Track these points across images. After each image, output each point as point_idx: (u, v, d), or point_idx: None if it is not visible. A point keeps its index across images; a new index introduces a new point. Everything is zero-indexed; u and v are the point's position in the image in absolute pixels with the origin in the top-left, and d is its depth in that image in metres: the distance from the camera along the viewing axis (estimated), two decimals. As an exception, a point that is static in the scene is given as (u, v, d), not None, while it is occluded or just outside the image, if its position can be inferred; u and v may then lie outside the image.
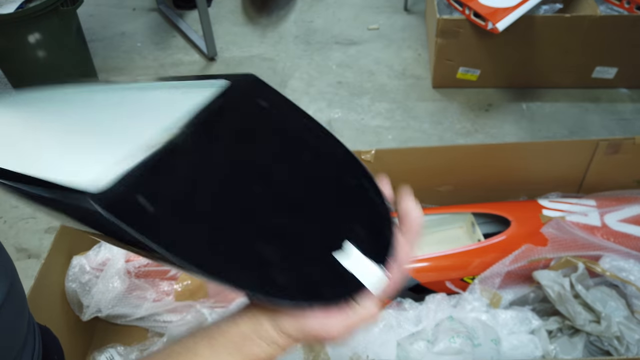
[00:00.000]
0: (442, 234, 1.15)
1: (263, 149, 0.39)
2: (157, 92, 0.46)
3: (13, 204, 1.51)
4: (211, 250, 0.33)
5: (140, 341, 1.00)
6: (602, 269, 0.94)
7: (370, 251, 0.36)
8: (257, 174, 0.37)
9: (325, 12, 2.25)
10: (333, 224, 0.37)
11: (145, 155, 0.35)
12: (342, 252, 0.35)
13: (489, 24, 1.50)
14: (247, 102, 0.41)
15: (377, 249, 0.36)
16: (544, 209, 1.07)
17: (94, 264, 0.98)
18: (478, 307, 0.94)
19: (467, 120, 1.70)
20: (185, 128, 0.37)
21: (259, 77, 0.42)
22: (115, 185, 0.32)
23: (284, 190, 0.37)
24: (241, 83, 0.42)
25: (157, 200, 0.33)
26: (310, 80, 1.87)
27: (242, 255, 0.34)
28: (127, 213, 0.32)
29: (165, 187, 0.34)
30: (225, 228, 0.34)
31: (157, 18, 2.26)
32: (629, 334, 0.86)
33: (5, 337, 0.42)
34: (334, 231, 0.36)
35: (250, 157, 0.38)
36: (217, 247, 0.33)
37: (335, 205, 0.38)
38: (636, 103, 1.72)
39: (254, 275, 0.33)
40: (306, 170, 0.39)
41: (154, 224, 0.32)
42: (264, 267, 0.34)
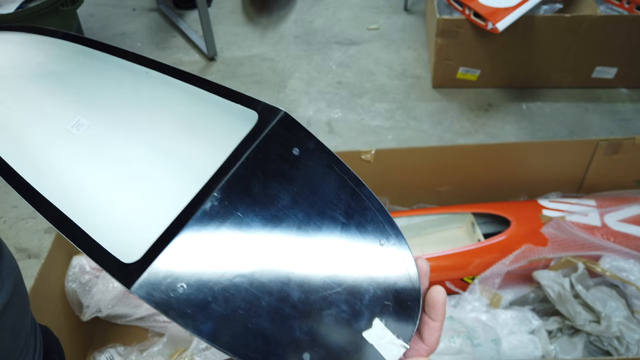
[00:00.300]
0: (442, 234, 1.15)
1: (295, 214, 0.37)
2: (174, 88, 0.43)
3: (13, 203, 1.51)
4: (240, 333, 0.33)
5: (140, 341, 1.00)
6: (602, 269, 0.94)
7: (397, 327, 0.36)
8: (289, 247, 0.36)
9: (325, 12, 2.25)
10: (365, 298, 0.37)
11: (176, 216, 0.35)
12: (371, 328, 0.36)
13: (489, 24, 1.50)
14: (279, 151, 0.38)
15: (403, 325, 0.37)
16: (544, 209, 1.08)
17: (94, 264, 0.98)
18: (478, 307, 0.94)
19: (467, 120, 1.70)
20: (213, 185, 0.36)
21: (289, 114, 0.39)
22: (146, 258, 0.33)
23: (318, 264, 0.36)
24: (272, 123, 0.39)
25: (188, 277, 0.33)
26: (310, 80, 1.87)
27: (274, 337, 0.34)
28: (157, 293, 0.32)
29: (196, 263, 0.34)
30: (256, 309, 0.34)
31: (157, 18, 2.26)
32: (629, 334, 0.86)
33: (9, 336, 0.42)
34: (365, 306, 0.36)
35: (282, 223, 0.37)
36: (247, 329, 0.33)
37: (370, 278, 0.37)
38: (636, 103, 1.72)
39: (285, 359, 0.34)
40: (342, 236, 0.37)
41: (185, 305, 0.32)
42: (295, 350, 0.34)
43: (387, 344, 0.36)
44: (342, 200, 0.38)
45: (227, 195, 0.36)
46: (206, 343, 0.32)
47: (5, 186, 1.55)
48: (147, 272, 0.32)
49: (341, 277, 0.36)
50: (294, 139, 0.38)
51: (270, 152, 0.38)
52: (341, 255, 0.37)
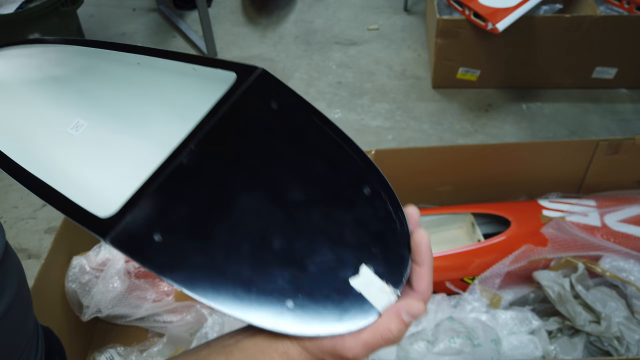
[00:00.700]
0: (442, 235, 1.15)
1: (276, 163, 0.37)
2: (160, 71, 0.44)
3: (13, 203, 1.51)
4: (220, 282, 0.33)
5: (140, 341, 1.00)
6: (602, 269, 0.94)
7: (385, 273, 0.35)
8: (269, 192, 0.36)
9: (325, 12, 2.25)
10: (351, 244, 0.36)
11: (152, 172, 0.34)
12: (358, 275, 0.35)
13: (489, 24, 1.50)
14: (257, 105, 0.38)
15: (392, 271, 0.36)
16: (544, 209, 1.07)
17: (94, 264, 0.98)
18: (478, 308, 0.94)
19: (467, 120, 1.70)
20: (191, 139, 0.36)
21: (267, 71, 0.40)
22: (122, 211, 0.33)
23: (300, 209, 0.36)
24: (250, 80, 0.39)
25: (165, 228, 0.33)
26: (310, 80, 1.88)
27: (255, 284, 0.33)
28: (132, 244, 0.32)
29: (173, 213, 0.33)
30: (236, 255, 0.33)
31: (157, 18, 2.26)
32: (629, 334, 0.86)
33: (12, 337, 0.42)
34: (351, 252, 0.35)
35: (262, 173, 0.36)
36: (227, 277, 0.33)
37: (355, 224, 0.36)
38: (636, 103, 1.72)
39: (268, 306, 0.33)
40: (323, 184, 0.37)
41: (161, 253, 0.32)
42: (278, 297, 0.33)
43: (376, 292, 0.35)
44: (322, 149, 0.38)
45: (204, 148, 0.36)
46: (185, 292, 0.32)
47: (5, 186, 1.56)
48: (122, 224, 0.32)
49: (326, 224, 0.36)
50: (273, 94, 0.39)
51: (249, 107, 0.38)
52: (325, 203, 0.36)
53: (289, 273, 0.34)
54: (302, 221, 0.35)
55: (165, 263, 0.32)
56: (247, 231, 0.34)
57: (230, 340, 0.37)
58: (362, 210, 0.37)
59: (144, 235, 0.32)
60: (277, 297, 0.33)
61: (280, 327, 0.33)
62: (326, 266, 0.35)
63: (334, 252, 0.35)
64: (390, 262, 0.36)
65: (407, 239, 0.37)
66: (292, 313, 0.33)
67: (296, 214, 0.35)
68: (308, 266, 0.34)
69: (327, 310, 0.34)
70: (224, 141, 0.37)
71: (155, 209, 0.33)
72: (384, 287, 0.35)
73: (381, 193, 0.38)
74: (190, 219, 0.34)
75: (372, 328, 0.34)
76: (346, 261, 0.35)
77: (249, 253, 0.34)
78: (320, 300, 0.34)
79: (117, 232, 0.32)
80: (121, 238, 0.32)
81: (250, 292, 0.33)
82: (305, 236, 0.35)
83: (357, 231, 0.36)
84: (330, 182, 0.37)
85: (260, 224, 0.35)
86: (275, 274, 0.34)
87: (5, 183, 1.57)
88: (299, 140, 0.38)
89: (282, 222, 0.35)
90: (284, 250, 0.34)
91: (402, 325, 0.34)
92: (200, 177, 0.35)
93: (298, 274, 0.34)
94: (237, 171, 0.36)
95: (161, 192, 0.34)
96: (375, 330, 0.34)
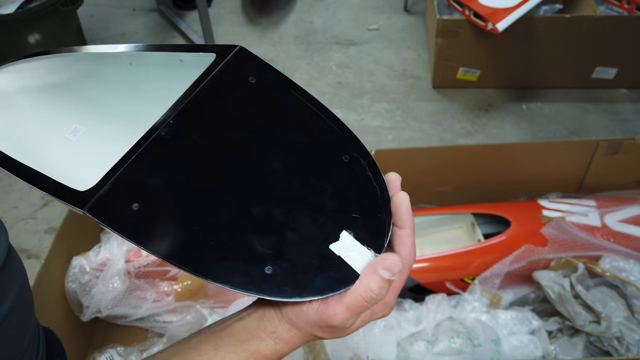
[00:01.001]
0: (442, 235, 1.15)
1: (254, 134, 0.37)
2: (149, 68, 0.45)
3: (13, 204, 1.51)
4: (196, 249, 0.33)
5: (140, 341, 1.00)
6: (602, 269, 0.94)
7: (367, 238, 0.35)
8: (248, 162, 0.36)
9: (325, 12, 2.25)
10: (330, 211, 0.36)
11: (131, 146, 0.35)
12: (338, 240, 0.35)
13: (489, 25, 1.50)
14: (234, 80, 0.39)
15: (374, 235, 0.36)
16: (544, 210, 1.07)
17: (94, 264, 0.98)
18: (478, 308, 0.94)
19: (467, 120, 1.70)
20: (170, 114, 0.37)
21: (245, 48, 0.40)
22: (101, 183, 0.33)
23: (279, 178, 0.36)
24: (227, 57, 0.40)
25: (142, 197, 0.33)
26: (310, 80, 1.87)
27: (233, 251, 0.33)
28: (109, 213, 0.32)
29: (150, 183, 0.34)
30: (214, 223, 0.34)
31: (157, 18, 2.26)
32: (629, 335, 0.86)
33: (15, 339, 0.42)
34: (330, 219, 0.35)
35: (240, 143, 0.37)
36: (204, 244, 0.33)
37: (334, 191, 0.36)
38: (636, 103, 1.72)
39: (245, 272, 0.33)
40: (302, 154, 0.37)
41: (139, 222, 0.33)
42: (257, 263, 0.33)
43: (356, 256, 0.34)
44: (301, 120, 0.38)
45: (183, 122, 0.36)
46: (163, 260, 0.32)
47: (5, 187, 1.56)
48: (99, 195, 0.33)
49: (304, 191, 0.36)
50: (250, 69, 0.39)
51: (227, 82, 0.38)
52: (303, 171, 0.36)
53: (267, 240, 0.34)
54: (282, 189, 0.36)
55: (143, 231, 0.33)
56: (226, 199, 0.35)
57: (220, 326, 0.37)
58: (341, 178, 0.37)
59: (121, 205, 0.33)
60: (255, 263, 0.33)
61: (257, 292, 0.33)
62: (306, 233, 0.35)
63: (314, 219, 0.35)
64: (371, 227, 0.36)
65: (388, 203, 0.37)
66: (271, 279, 0.33)
67: (276, 183, 0.36)
68: (287, 233, 0.34)
69: (308, 277, 0.34)
70: (202, 114, 0.37)
71: (133, 180, 0.34)
72: (364, 251, 0.35)
73: (360, 161, 0.38)
74: (168, 189, 0.34)
75: (352, 290, 0.34)
76: (326, 228, 0.35)
77: (228, 221, 0.34)
78: (300, 266, 0.34)
79: (94, 201, 0.33)
80: (98, 207, 0.32)
81: (229, 258, 0.33)
82: (285, 204, 0.35)
83: (337, 198, 0.36)
84: (309, 151, 0.37)
85: (239, 193, 0.35)
86: (253, 241, 0.34)
87: (5, 183, 1.57)
88: (277, 111, 0.38)
89: (261, 190, 0.35)
90: (263, 217, 0.34)
91: (381, 282, 0.33)
92: (178, 148, 0.35)
93: (277, 241, 0.34)
94: (215, 142, 0.36)
95: (139, 164, 0.34)
96: (355, 291, 0.34)
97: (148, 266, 0.98)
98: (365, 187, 0.37)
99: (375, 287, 0.33)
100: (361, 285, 0.34)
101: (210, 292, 0.99)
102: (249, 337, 0.36)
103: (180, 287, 0.98)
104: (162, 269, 0.99)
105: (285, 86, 0.39)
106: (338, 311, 0.34)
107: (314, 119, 0.38)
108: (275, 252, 0.34)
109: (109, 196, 0.33)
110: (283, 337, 0.35)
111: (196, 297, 0.98)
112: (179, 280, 0.99)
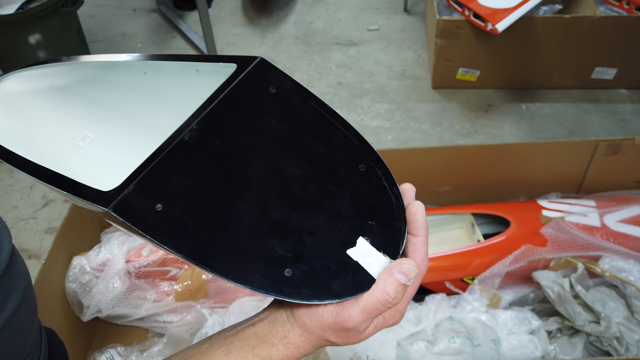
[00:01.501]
0: (441, 235, 1.15)
1: (274, 141, 0.38)
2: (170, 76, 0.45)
3: (13, 204, 1.51)
4: (219, 249, 0.34)
5: (140, 341, 1.00)
6: (602, 269, 0.94)
7: (382, 245, 0.36)
8: (269, 168, 0.37)
9: (325, 13, 2.25)
10: (347, 218, 0.37)
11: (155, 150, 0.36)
12: (355, 246, 0.36)
13: (489, 25, 1.50)
14: (256, 89, 0.40)
15: (389, 242, 0.37)
16: (544, 210, 1.08)
17: (94, 264, 0.98)
18: (478, 308, 0.94)
19: (466, 120, 1.70)
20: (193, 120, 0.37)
21: (266, 60, 0.41)
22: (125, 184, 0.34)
23: (298, 184, 0.37)
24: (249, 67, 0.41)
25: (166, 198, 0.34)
26: (310, 80, 1.88)
27: (253, 253, 0.34)
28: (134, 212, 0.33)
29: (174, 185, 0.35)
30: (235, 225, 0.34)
31: (158, 19, 2.27)
32: (629, 335, 0.86)
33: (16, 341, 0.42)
34: (348, 225, 0.36)
35: (261, 150, 0.37)
36: (226, 245, 0.34)
37: (351, 199, 0.37)
38: (636, 104, 1.72)
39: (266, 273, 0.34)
40: (320, 162, 0.38)
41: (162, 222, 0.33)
42: (277, 266, 0.34)
43: (372, 261, 0.36)
44: (319, 130, 0.39)
45: (205, 127, 0.37)
46: (184, 260, 0.33)
47: (6, 187, 1.56)
48: (123, 194, 0.33)
49: (322, 198, 0.37)
50: (271, 79, 0.40)
51: (248, 91, 0.39)
52: (321, 179, 0.37)
53: (287, 243, 0.35)
54: (301, 196, 0.37)
55: (166, 231, 0.33)
56: (247, 203, 0.35)
57: (231, 332, 0.38)
58: (358, 186, 0.38)
59: (145, 205, 0.34)
60: (275, 265, 0.34)
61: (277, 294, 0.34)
62: (324, 238, 0.36)
63: (331, 225, 0.36)
64: (386, 234, 0.37)
65: (403, 212, 0.38)
66: (291, 281, 0.34)
67: (295, 189, 0.37)
68: (306, 238, 0.35)
69: (326, 280, 0.34)
70: (225, 121, 0.38)
71: (157, 181, 0.35)
72: (380, 257, 0.36)
73: (376, 170, 0.39)
74: (191, 191, 0.35)
75: (369, 293, 0.34)
76: (344, 234, 0.36)
77: (249, 224, 0.35)
78: (319, 270, 0.35)
79: (118, 200, 0.33)
80: (123, 206, 0.33)
81: (249, 260, 0.34)
82: (304, 210, 0.36)
83: (354, 206, 0.37)
84: (327, 159, 0.39)
85: (260, 197, 0.36)
86: (273, 244, 0.35)
87: (5, 183, 1.57)
88: (296, 121, 0.39)
89: (280, 196, 0.36)
90: (283, 222, 0.35)
91: (397, 286, 0.34)
92: (201, 152, 0.36)
93: (297, 245, 0.35)
94: (237, 148, 0.37)
95: (163, 166, 0.35)
96: (372, 294, 0.34)
97: (148, 266, 0.98)
98: (381, 196, 0.38)
99: (391, 291, 0.34)
100: (378, 288, 0.34)
101: (211, 292, 0.99)
102: (260, 342, 0.36)
103: (180, 287, 0.98)
104: (162, 269, 0.99)
105: (304, 96, 0.41)
106: (354, 313, 0.34)
107: (331, 129, 0.40)
108: (295, 255, 0.35)
109: (133, 196, 0.34)
110: (294, 342, 0.36)
111: (196, 297, 0.99)
112: (179, 280, 0.99)
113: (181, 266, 0.99)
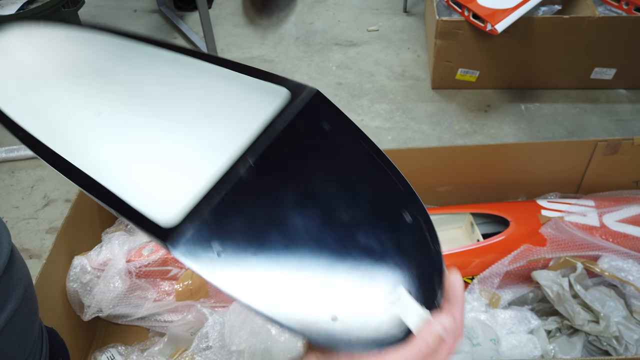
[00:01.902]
0: (441, 234, 1.14)
1: (328, 182, 0.38)
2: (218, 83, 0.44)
3: (14, 204, 1.51)
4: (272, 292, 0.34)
5: (141, 341, 1.01)
6: (601, 269, 0.94)
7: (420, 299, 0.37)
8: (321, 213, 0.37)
9: (325, 13, 2.26)
10: (389, 266, 0.37)
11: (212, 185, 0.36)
12: (394, 296, 0.36)
13: (488, 26, 1.51)
14: (311, 125, 0.39)
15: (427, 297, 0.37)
16: (543, 209, 1.08)
17: (95, 264, 0.98)
18: (477, 307, 0.95)
19: (466, 121, 1.70)
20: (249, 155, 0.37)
21: (322, 93, 0.41)
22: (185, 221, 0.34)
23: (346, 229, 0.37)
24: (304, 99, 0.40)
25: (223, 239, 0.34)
26: (310, 81, 1.88)
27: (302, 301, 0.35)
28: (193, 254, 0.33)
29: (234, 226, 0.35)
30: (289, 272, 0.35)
31: (158, 19, 2.27)
32: (628, 334, 0.87)
33: (19, 339, 0.42)
34: (390, 274, 0.37)
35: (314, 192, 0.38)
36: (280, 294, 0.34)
37: (394, 248, 0.38)
38: (635, 104, 1.72)
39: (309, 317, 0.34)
40: (367, 205, 0.39)
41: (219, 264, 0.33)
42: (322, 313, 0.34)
43: (412, 314, 0.36)
44: (368, 172, 0.39)
45: (263, 165, 0.37)
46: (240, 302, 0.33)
47: (7, 187, 1.56)
48: (184, 234, 0.33)
49: (369, 248, 0.37)
50: (325, 115, 0.40)
51: (304, 127, 0.39)
52: (369, 228, 0.38)
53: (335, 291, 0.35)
54: (348, 241, 0.37)
55: (224, 274, 0.34)
56: (300, 248, 0.36)
57: None
58: (403, 235, 0.39)
59: (204, 247, 0.34)
60: (323, 313, 0.35)
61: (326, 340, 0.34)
62: (368, 288, 0.36)
63: (375, 276, 0.37)
64: (424, 289, 0.38)
65: (442, 270, 0.39)
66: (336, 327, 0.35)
67: (343, 234, 0.37)
68: (351, 287, 0.36)
69: (367, 328, 0.35)
70: (280, 159, 0.38)
71: (216, 222, 0.35)
72: (420, 310, 0.37)
73: (420, 221, 0.40)
74: (249, 233, 0.35)
75: (410, 342, 0.36)
76: (385, 282, 0.37)
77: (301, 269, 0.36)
78: (361, 317, 0.35)
79: (179, 242, 0.33)
80: (183, 248, 0.33)
81: (302, 307, 0.34)
82: (351, 259, 0.37)
83: (397, 255, 0.38)
84: (374, 204, 0.39)
85: (312, 242, 0.36)
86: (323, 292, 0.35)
87: (6, 183, 1.58)
88: (348, 162, 0.39)
89: (331, 240, 0.37)
90: (332, 269, 0.36)
91: (437, 338, 0.36)
92: (258, 193, 0.36)
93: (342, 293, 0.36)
94: (292, 189, 0.37)
95: (222, 206, 0.35)
96: (413, 343, 0.36)
97: (149, 266, 0.98)
98: (424, 250, 0.39)
99: (432, 342, 0.35)
100: (419, 338, 0.36)
101: (211, 292, 0.99)
102: None
103: (181, 286, 0.99)
104: (162, 269, 0.99)
105: (356, 136, 0.40)
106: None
107: (381, 173, 0.40)
108: (341, 303, 0.35)
109: (193, 237, 0.34)
110: None
111: (197, 296, 0.99)
112: (179, 279, 1.00)
113: (182, 266, 1.00)
